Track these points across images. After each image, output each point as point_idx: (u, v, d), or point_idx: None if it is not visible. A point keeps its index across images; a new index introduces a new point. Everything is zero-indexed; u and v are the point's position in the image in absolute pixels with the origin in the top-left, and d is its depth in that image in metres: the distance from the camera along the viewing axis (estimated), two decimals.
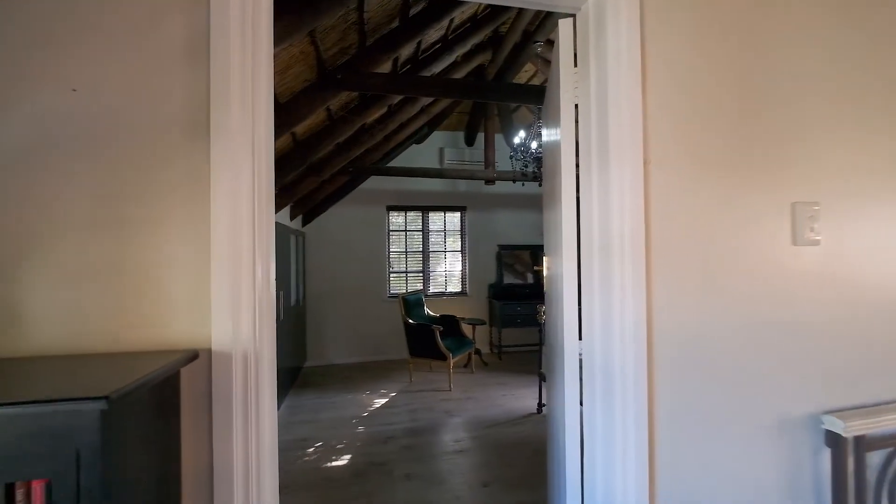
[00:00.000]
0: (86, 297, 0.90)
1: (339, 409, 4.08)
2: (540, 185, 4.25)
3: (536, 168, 3.91)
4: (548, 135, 1.68)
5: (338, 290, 5.82)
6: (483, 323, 5.70)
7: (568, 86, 1.28)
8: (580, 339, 1.28)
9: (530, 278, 6.33)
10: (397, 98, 3.74)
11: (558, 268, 1.36)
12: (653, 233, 1.14)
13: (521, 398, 4.32)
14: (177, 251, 0.93)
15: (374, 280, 5.96)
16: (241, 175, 0.94)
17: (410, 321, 4.86)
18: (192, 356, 0.88)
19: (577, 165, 1.25)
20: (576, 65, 1.28)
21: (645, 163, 1.13)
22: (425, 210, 6.25)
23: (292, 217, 5.00)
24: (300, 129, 3.08)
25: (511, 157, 4.05)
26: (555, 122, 1.40)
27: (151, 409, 0.81)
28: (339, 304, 5.83)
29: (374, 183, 5.93)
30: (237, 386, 0.93)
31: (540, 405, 3.89)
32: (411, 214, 6.24)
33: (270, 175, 1.02)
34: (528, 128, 3.97)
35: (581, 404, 1.27)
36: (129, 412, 0.72)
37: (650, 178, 1.14)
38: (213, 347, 0.93)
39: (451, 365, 4.64)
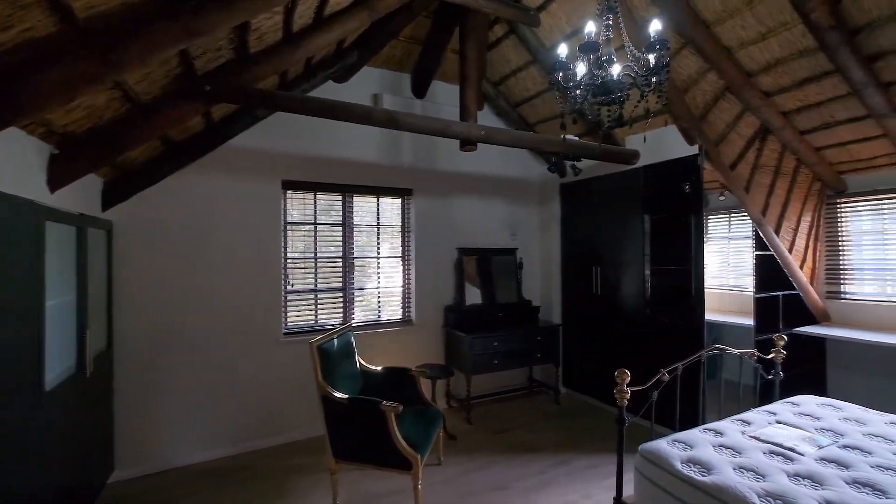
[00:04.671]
0: None
1: None
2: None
3: (617, 100, 1.96)
4: None
5: (185, 329, 3.14)
6: (449, 374, 3.60)
7: None
8: None
9: (503, 296, 4.39)
10: None
11: None
12: None
13: None
14: None
15: (257, 307, 3.41)
16: None
17: (336, 395, 2.52)
18: None
19: None
20: None
21: None
22: (347, 192, 3.90)
23: (54, 180, 2.20)
24: None
25: (554, 86, 2.04)
26: None
27: None
28: (189, 354, 3.16)
29: (258, 140, 3.40)
30: None
31: None
32: (325, 198, 3.83)
33: None
34: (598, 19, 2.02)
35: None
36: None
37: None
38: None
39: (420, 474, 2.45)
